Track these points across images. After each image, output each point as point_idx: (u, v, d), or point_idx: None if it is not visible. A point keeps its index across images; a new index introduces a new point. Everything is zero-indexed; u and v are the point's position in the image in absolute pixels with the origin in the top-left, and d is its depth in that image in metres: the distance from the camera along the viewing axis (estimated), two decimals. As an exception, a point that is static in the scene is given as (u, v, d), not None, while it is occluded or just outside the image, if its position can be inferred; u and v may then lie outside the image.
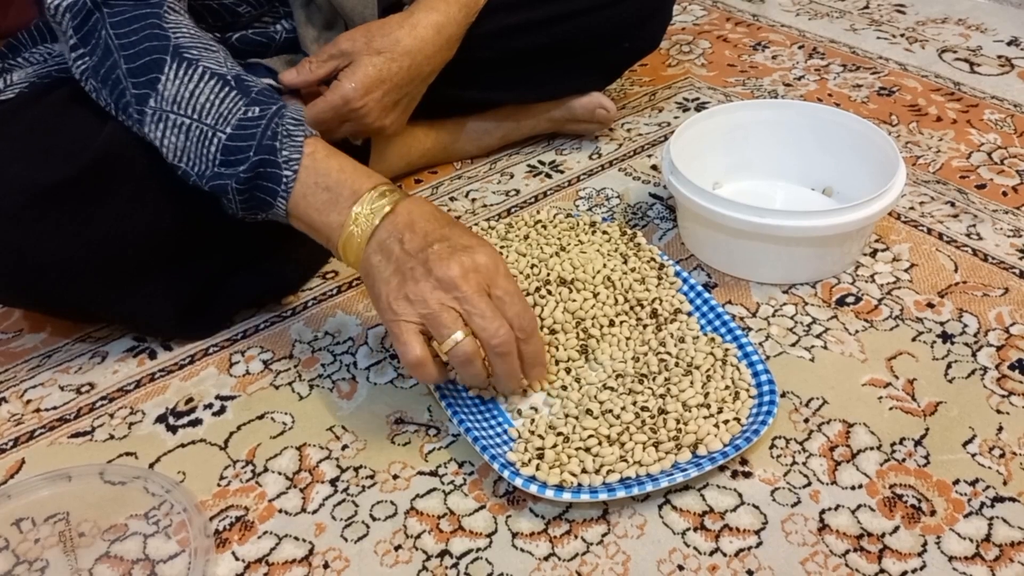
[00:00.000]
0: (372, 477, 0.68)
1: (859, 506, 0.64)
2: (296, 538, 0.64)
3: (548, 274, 0.80)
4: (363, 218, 0.66)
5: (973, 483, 0.66)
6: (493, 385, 0.71)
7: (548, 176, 1.04)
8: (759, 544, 0.62)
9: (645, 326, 0.77)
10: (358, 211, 0.66)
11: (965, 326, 0.80)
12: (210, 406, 0.75)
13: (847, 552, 0.61)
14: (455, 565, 0.61)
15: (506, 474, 0.63)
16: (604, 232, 0.87)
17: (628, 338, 0.76)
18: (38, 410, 0.75)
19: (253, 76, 0.71)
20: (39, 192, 0.67)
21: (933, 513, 0.64)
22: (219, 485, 0.68)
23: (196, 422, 0.73)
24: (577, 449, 0.66)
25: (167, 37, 0.68)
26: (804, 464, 0.68)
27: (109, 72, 0.68)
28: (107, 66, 0.68)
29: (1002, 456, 0.68)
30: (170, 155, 0.69)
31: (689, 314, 0.78)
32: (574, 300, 0.78)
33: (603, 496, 0.62)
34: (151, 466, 0.70)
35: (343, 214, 0.66)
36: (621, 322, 0.77)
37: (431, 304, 0.62)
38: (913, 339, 0.79)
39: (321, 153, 0.68)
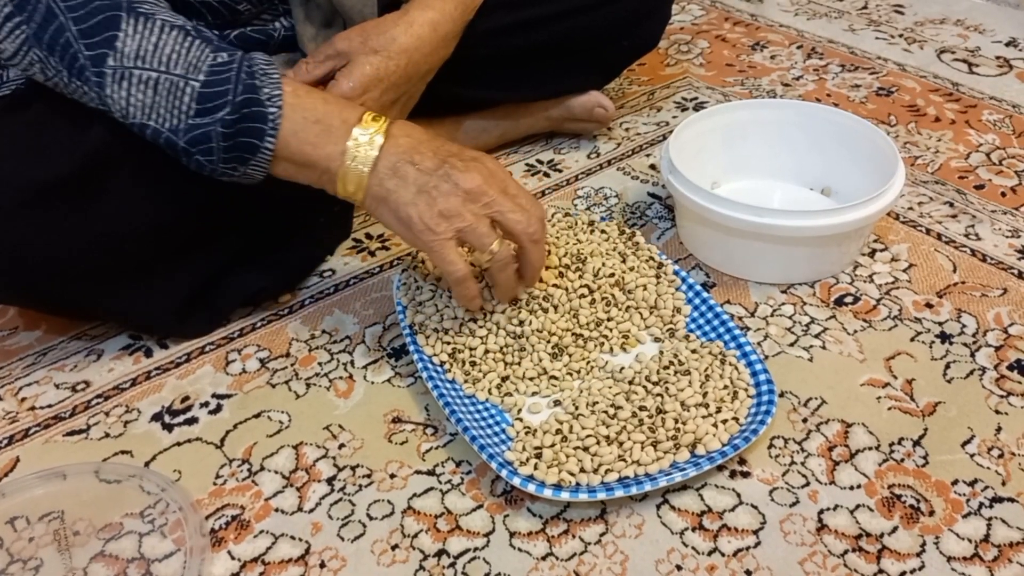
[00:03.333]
0: (369, 476, 0.68)
1: (858, 506, 0.64)
2: (292, 537, 0.64)
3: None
4: (362, 145, 0.66)
5: (972, 483, 0.66)
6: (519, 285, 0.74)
7: (546, 175, 1.04)
8: (757, 544, 0.62)
9: (648, 326, 0.78)
10: (355, 137, 0.66)
11: (964, 326, 0.80)
12: (206, 404, 0.74)
13: (846, 552, 0.61)
14: (452, 565, 0.61)
15: (504, 473, 0.63)
16: (602, 231, 0.87)
17: (628, 334, 0.76)
18: (33, 408, 0.75)
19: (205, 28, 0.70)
20: (35, 189, 0.67)
21: (932, 513, 0.64)
22: (215, 484, 0.68)
23: (192, 420, 0.73)
24: (575, 448, 0.66)
25: None
26: (803, 464, 0.68)
27: (55, 36, 0.65)
28: (51, 31, 0.65)
29: (1001, 456, 0.68)
30: (137, 114, 0.66)
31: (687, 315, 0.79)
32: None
33: (601, 495, 0.62)
34: (147, 464, 0.69)
35: (339, 144, 0.66)
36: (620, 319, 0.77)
37: (467, 217, 0.66)
38: (912, 339, 0.78)
39: (301, 89, 0.68)
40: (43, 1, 0.65)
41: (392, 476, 0.68)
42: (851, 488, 0.66)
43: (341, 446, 0.70)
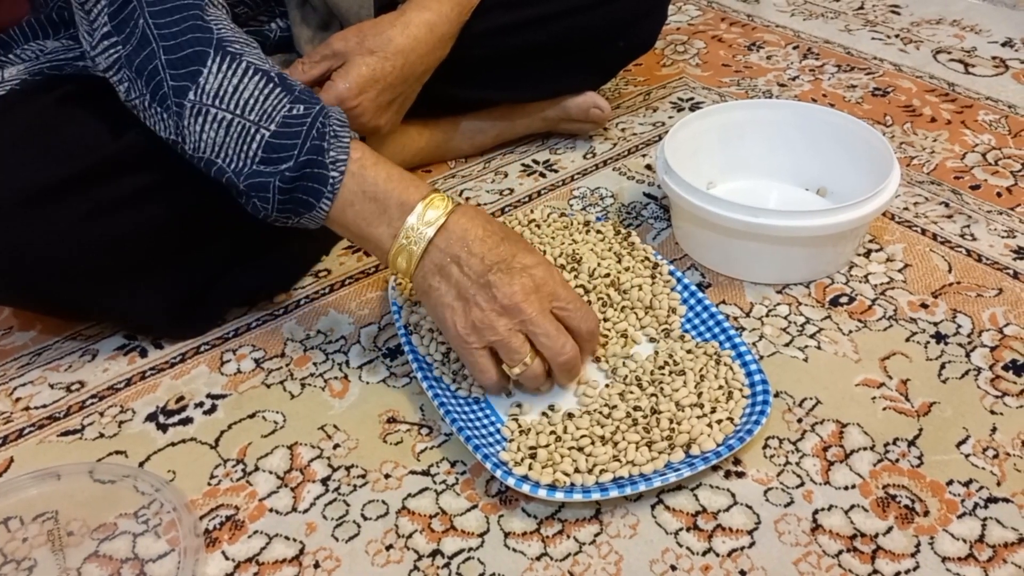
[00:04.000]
0: (364, 476, 0.68)
1: (852, 506, 0.64)
2: (287, 537, 0.63)
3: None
4: (414, 232, 0.66)
5: (967, 484, 0.66)
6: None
7: (542, 175, 1.04)
8: (752, 544, 0.62)
9: (643, 326, 0.78)
10: (409, 225, 0.66)
11: (959, 327, 0.80)
12: (201, 405, 0.74)
13: (840, 552, 0.61)
14: (447, 565, 0.61)
15: (498, 473, 0.63)
16: (598, 231, 0.87)
17: (625, 334, 0.76)
18: (27, 408, 0.75)
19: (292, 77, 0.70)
20: (32, 190, 0.67)
21: (926, 514, 0.64)
22: (209, 484, 0.67)
23: (187, 421, 0.73)
24: (570, 448, 0.66)
25: (210, 30, 0.66)
26: (797, 464, 0.68)
27: (146, 62, 0.66)
28: (143, 56, 0.66)
29: (996, 457, 0.68)
30: (207, 150, 0.66)
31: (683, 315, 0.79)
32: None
33: (596, 496, 0.62)
34: (141, 465, 0.69)
35: (393, 227, 0.66)
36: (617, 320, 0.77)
37: (500, 331, 0.65)
38: (907, 339, 0.79)
39: (369, 159, 0.67)
40: (140, 26, 0.66)
41: (387, 476, 0.68)
42: (846, 488, 0.66)
43: (336, 446, 0.70)
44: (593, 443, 0.66)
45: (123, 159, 0.70)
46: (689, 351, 0.74)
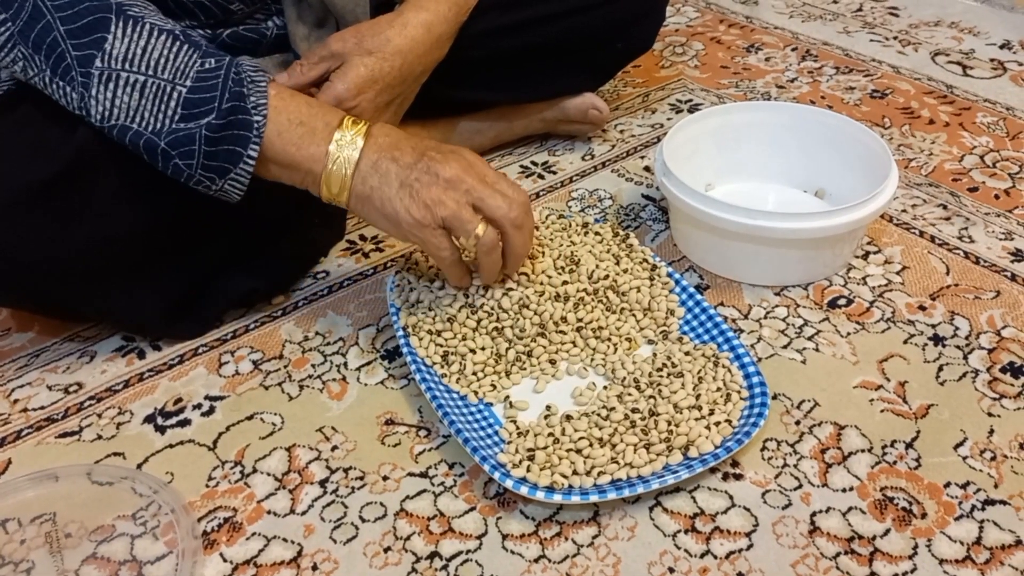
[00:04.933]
0: (362, 478, 0.68)
1: (850, 508, 0.64)
2: (285, 539, 0.63)
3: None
4: (344, 147, 0.68)
5: (964, 486, 0.66)
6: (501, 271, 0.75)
7: (541, 177, 1.04)
8: (750, 546, 0.62)
9: (642, 328, 0.78)
10: (336, 140, 0.68)
11: (957, 329, 0.80)
12: (199, 406, 0.74)
13: (838, 555, 0.61)
14: (445, 567, 0.61)
15: (497, 476, 0.63)
16: (596, 233, 0.87)
17: (628, 337, 0.76)
18: (25, 410, 0.75)
19: (193, 31, 0.71)
20: (25, 191, 0.67)
21: (924, 516, 0.64)
22: (207, 486, 0.67)
23: (185, 422, 0.73)
24: (568, 451, 0.66)
25: None
26: (795, 466, 0.68)
27: (42, 35, 0.65)
28: (38, 29, 0.65)
29: (993, 459, 0.68)
30: (120, 116, 0.66)
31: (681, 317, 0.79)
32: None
33: (594, 498, 0.62)
34: (139, 467, 0.69)
35: (322, 145, 0.68)
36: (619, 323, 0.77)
37: (449, 204, 0.68)
38: (905, 342, 0.79)
39: (286, 93, 0.70)
40: (28, 0, 0.65)
41: (385, 478, 0.68)
42: (843, 490, 0.66)
43: (334, 448, 0.70)
44: (591, 445, 0.66)
45: (115, 157, 0.70)
46: (687, 353, 0.74)
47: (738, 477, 0.67)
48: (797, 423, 0.71)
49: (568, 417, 0.69)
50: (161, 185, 0.71)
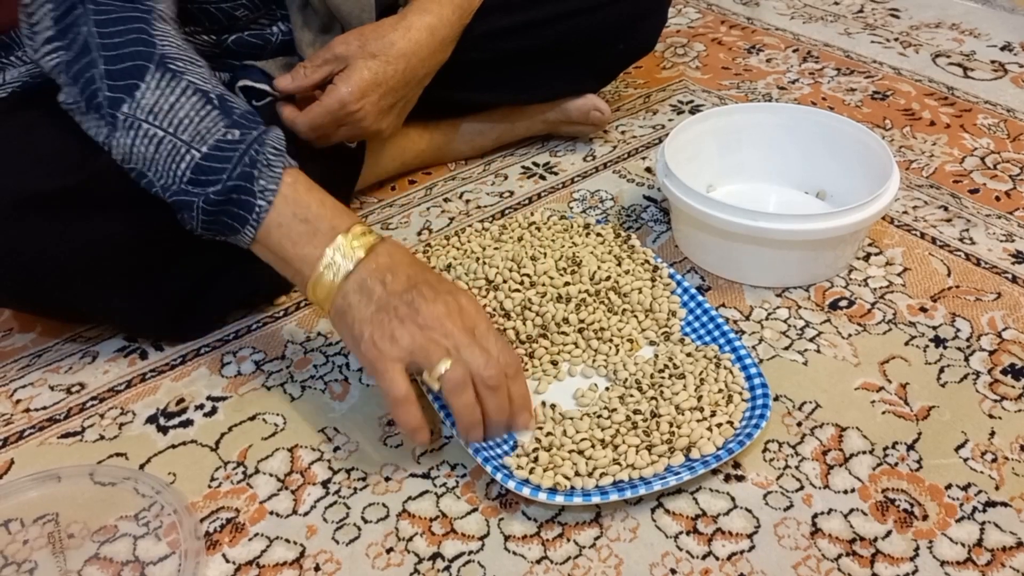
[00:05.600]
0: (364, 479, 0.68)
1: (852, 510, 0.64)
2: (287, 540, 0.64)
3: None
4: (341, 255, 0.64)
5: (965, 488, 0.66)
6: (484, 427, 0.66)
7: (542, 178, 1.04)
8: (752, 548, 0.62)
9: (643, 329, 0.78)
10: (337, 246, 0.64)
11: (958, 330, 0.80)
12: (201, 407, 0.74)
13: (839, 556, 0.61)
14: (447, 568, 0.61)
15: (499, 477, 0.63)
16: (598, 234, 0.87)
17: (630, 340, 0.76)
18: (28, 410, 0.75)
19: (237, 98, 0.69)
20: (28, 197, 0.67)
21: (925, 518, 0.64)
22: (210, 486, 0.68)
23: (187, 423, 0.73)
24: (570, 452, 0.66)
25: (153, 44, 0.66)
26: (797, 468, 0.68)
27: (84, 70, 0.66)
28: (82, 64, 0.66)
29: (994, 461, 0.68)
30: (137, 162, 0.66)
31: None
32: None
33: (596, 499, 0.62)
34: (141, 467, 0.69)
35: (319, 248, 0.64)
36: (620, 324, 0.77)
37: (418, 340, 0.62)
38: (906, 343, 0.79)
39: (302, 185, 0.67)
40: (83, 34, 0.66)
41: (387, 479, 0.68)
42: (845, 492, 0.66)
43: (336, 449, 0.70)
44: (593, 446, 0.66)
45: (116, 165, 0.70)
46: (689, 354, 0.74)
47: (740, 478, 0.67)
48: (799, 424, 0.71)
49: (570, 418, 0.69)
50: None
